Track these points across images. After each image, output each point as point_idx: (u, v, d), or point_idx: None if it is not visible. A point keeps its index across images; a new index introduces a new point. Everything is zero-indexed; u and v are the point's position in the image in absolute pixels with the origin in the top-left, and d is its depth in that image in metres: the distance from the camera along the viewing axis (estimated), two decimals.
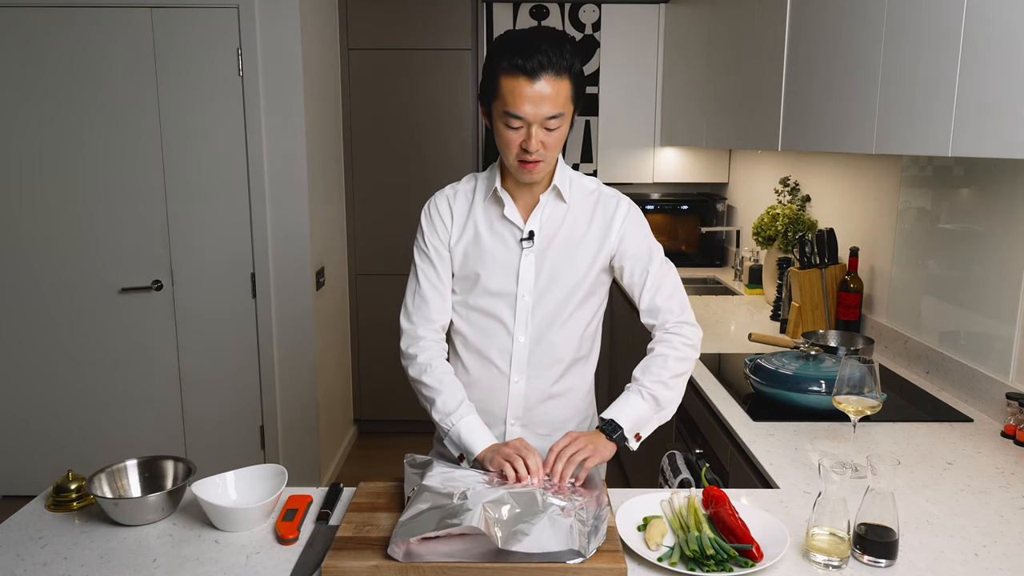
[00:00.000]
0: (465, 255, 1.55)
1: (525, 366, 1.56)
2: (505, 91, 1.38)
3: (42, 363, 3.28)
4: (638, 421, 1.47)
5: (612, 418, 1.45)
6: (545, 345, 1.55)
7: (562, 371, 1.58)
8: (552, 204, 1.54)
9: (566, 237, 1.54)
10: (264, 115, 3.13)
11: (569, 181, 1.56)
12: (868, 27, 1.79)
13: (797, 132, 2.23)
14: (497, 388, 1.57)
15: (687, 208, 4.12)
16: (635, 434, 1.48)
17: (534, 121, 1.39)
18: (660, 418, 1.50)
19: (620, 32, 4.01)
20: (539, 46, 1.36)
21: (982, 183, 1.95)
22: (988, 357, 1.90)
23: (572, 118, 1.47)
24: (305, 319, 3.31)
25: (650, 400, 1.48)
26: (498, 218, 1.55)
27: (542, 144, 1.41)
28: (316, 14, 3.40)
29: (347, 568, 1.14)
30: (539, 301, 1.54)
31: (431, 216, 1.58)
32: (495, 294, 1.54)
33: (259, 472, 1.39)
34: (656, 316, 1.55)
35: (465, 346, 1.59)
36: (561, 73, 1.38)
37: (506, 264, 1.53)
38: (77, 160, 3.13)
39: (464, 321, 1.59)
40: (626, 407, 1.47)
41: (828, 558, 1.17)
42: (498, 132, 1.44)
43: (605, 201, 1.56)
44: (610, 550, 1.17)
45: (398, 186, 4.02)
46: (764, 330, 2.68)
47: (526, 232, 1.52)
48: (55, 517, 1.34)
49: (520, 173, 1.46)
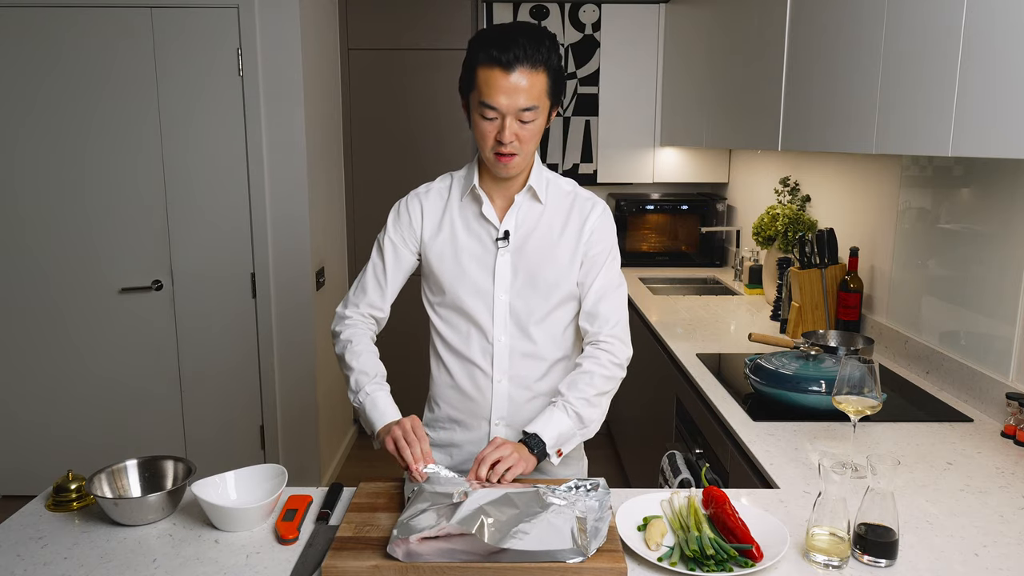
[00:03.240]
0: (441, 254, 1.54)
1: (507, 366, 1.55)
2: (481, 81, 1.40)
3: (42, 363, 3.28)
4: (560, 438, 1.46)
5: (536, 432, 1.44)
6: (527, 345, 1.55)
7: (545, 370, 1.57)
8: (528, 204, 1.54)
9: (542, 237, 1.53)
10: (264, 115, 3.13)
11: (546, 182, 1.56)
12: (868, 27, 1.79)
13: (797, 132, 2.23)
14: (481, 388, 1.56)
15: (687, 208, 4.11)
16: (557, 450, 1.46)
17: (508, 112, 1.40)
18: (583, 435, 1.50)
19: (620, 32, 4.01)
20: (516, 39, 1.37)
21: (982, 183, 1.95)
22: (988, 357, 1.90)
23: (550, 114, 1.48)
24: (305, 319, 3.31)
25: (574, 417, 1.47)
26: (475, 217, 1.54)
27: (516, 137, 1.42)
28: (316, 14, 3.40)
29: (347, 568, 1.14)
30: (517, 301, 1.53)
31: (399, 214, 1.59)
32: (472, 294, 1.53)
33: (259, 472, 1.39)
34: (593, 322, 1.54)
35: (446, 348, 1.58)
36: (537, 66, 1.39)
37: (482, 263, 1.53)
38: (77, 160, 3.13)
39: (443, 322, 1.58)
40: (551, 422, 1.45)
41: (828, 558, 1.17)
42: (474, 123, 1.45)
43: (581, 203, 1.56)
44: (610, 550, 1.17)
45: (398, 186, 3.98)
46: (764, 330, 2.68)
47: (501, 232, 1.52)
48: (55, 517, 1.34)
49: (496, 166, 1.47)
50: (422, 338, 1.68)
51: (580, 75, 4.06)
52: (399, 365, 3.56)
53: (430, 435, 1.64)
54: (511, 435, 1.59)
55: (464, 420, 1.60)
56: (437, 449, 1.62)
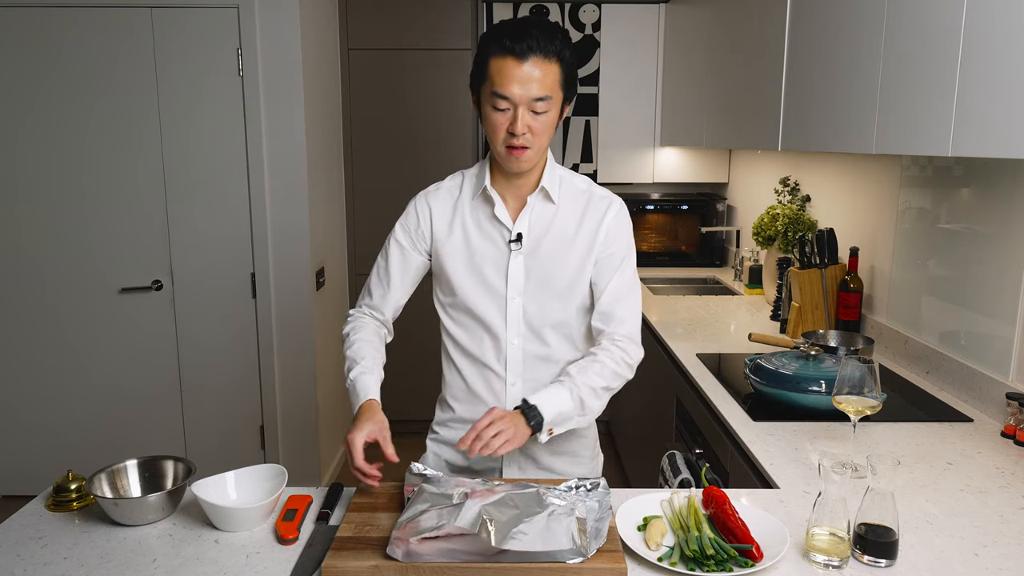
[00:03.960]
0: (453, 256, 1.52)
1: (521, 369, 1.54)
2: (493, 71, 1.38)
3: (42, 363, 3.28)
4: (559, 417, 1.41)
5: (536, 404, 1.39)
6: (540, 347, 1.53)
7: (559, 371, 1.55)
8: (540, 205, 1.52)
9: (556, 238, 1.51)
10: (264, 115, 3.13)
11: (559, 181, 1.53)
12: (868, 27, 1.79)
13: (797, 132, 2.23)
14: (495, 392, 1.55)
15: (687, 208, 4.11)
16: (549, 428, 1.41)
17: (520, 103, 1.38)
18: (577, 423, 1.46)
19: (620, 32, 4.01)
20: (529, 31, 1.36)
21: (982, 183, 1.95)
22: (988, 357, 1.90)
23: (562, 110, 1.46)
24: (305, 319, 3.31)
25: (577, 401, 1.43)
26: (487, 218, 1.52)
27: (529, 129, 1.39)
28: (316, 14, 3.40)
29: (347, 568, 1.14)
30: (530, 303, 1.51)
31: (407, 215, 1.57)
32: (485, 297, 1.51)
33: (259, 472, 1.39)
34: (608, 323, 1.51)
35: (459, 350, 1.57)
36: (550, 56, 1.37)
37: (495, 265, 1.51)
38: (77, 160, 3.13)
39: (456, 324, 1.56)
40: (555, 399, 1.41)
41: (828, 558, 1.17)
42: (486, 116, 1.43)
43: (597, 202, 1.53)
44: (610, 550, 1.17)
45: (398, 186, 4.02)
46: (764, 330, 2.68)
47: (514, 234, 1.50)
48: (55, 517, 1.34)
49: (508, 161, 1.44)
50: (428, 335, 1.66)
51: (580, 75, 4.06)
52: (405, 366, 3.57)
53: (441, 433, 1.64)
54: None
55: None
56: (449, 448, 1.61)
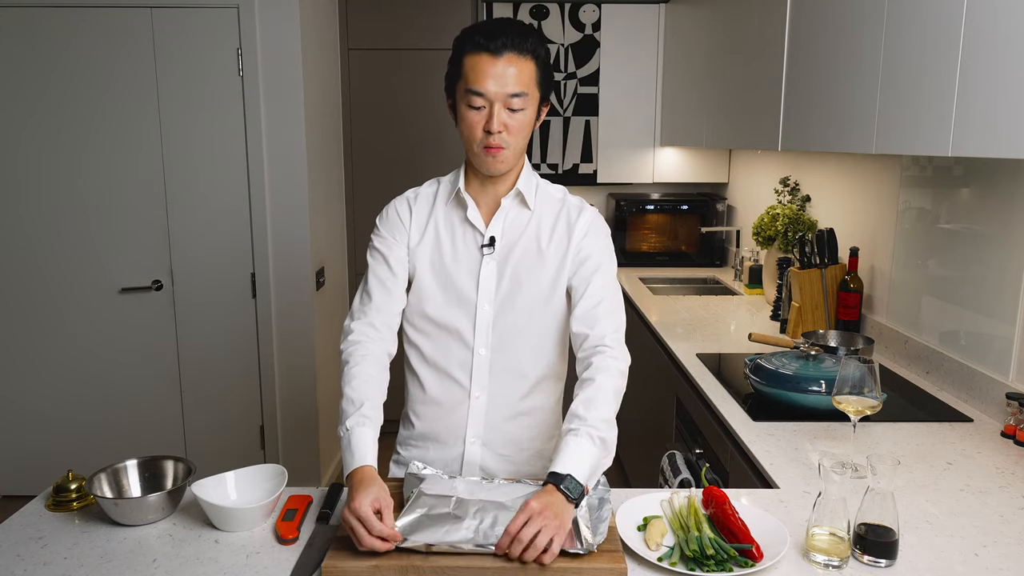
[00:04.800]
0: (423, 260, 1.47)
1: (487, 381, 1.47)
2: (468, 68, 1.37)
3: (42, 363, 3.28)
4: (591, 472, 1.26)
5: (570, 473, 1.21)
6: (509, 359, 1.47)
7: (528, 388, 1.50)
8: (515, 210, 1.48)
9: (529, 245, 1.46)
10: (264, 115, 3.13)
11: (535, 187, 1.50)
12: (868, 27, 1.79)
13: (797, 132, 2.23)
14: (456, 403, 1.48)
15: (687, 208, 4.11)
16: (586, 487, 1.25)
17: (496, 99, 1.36)
18: (604, 466, 1.31)
19: (620, 32, 4.01)
20: (504, 28, 1.36)
21: (982, 183, 1.95)
22: (988, 357, 1.90)
23: (539, 110, 1.44)
24: (305, 319, 3.31)
25: (599, 444, 1.28)
26: (460, 222, 1.48)
27: (505, 127, 1.37)
28: (316, 14, 3.40)
29: (347, 568, 1.14)
30: (501, 312, 1.45)
31: (387, 216, 1.52)
32: (454, 303, 1.46)
33: (259, 472, 1.39)
34: (594, 325, 1.42)
35: (422, 359, 1.50)
36: (524, 53, 1.36)
37: (467, 271, 1.46)
38: (77, 159, 3.13)
39: (420, 333, 1.50)
40: (582, 457, 1.25)
41: (828, 558, 1.17)
42: (461, 117, 1.40)
43: (569, 209, 1.49)
44: (610, 550, 1.17)
45: (398, 186, 3.99)
46: (764, 330, 2.68)
47: (487, 238, 1.46)
48: (55, 517, 1.34)
49: (484, 161, 1.40)
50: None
51: (580, 75, 4.06)
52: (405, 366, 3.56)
53: (402, 453, 1.57)
54: (486, 454, 1.50)
55: (438, 436, 1.51)
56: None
